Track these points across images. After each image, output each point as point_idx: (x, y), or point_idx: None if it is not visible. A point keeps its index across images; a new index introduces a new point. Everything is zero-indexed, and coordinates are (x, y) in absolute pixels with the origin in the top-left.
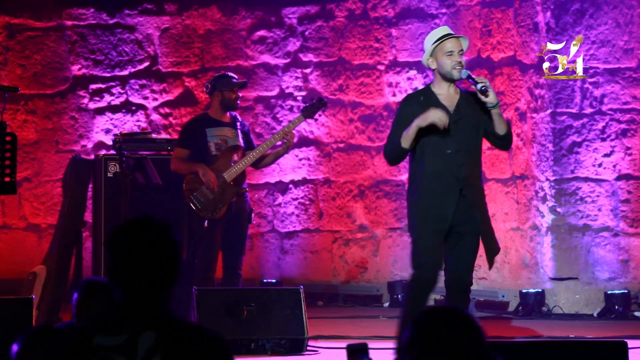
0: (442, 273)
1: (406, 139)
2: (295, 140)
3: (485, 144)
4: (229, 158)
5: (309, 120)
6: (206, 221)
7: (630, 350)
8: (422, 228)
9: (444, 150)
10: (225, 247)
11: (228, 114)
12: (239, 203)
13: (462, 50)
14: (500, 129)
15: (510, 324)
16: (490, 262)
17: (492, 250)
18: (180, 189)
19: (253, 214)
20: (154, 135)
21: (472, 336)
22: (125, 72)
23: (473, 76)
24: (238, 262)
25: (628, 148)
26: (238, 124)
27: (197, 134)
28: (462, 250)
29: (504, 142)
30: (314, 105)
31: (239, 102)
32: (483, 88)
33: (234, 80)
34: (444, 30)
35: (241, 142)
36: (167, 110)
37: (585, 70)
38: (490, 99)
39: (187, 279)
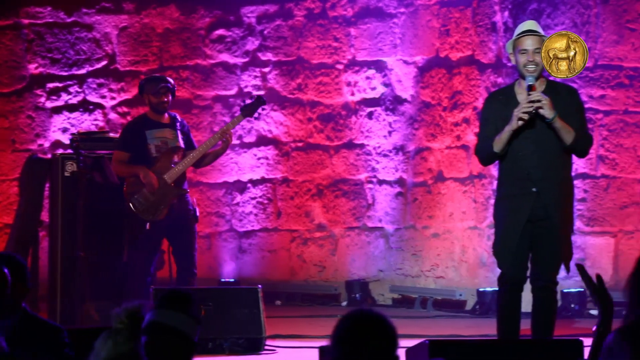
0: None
1: (498, 143)
2: (248, 140)
3: (445, 143)
4: (169, 159)
5: (267, 120)
6: (148, 223)
7: (585, 349)
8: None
9: (519, 150)
10: (176, 248)
11: (167, 114)
12: (180, 204)
13: (538, 48)
14: (566, 139)
15: (467, 322)
16: (567, 268)
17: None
18: (122, 194)
19: (198, 212)
20: (111, 135)
21: (381, 339)
22: (82, 71)
23: (532, 91)
24: (192, 261)
25: None
26: (178, 124)
27: (137, 136)
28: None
29: (574, 152)
30: (253, 104)
31: (167, 105)
32: (532, 110)
33: (157, 86)
34: (527, 25)
35: (181, 143)
36: (125, 109)
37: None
38: (546, 113)
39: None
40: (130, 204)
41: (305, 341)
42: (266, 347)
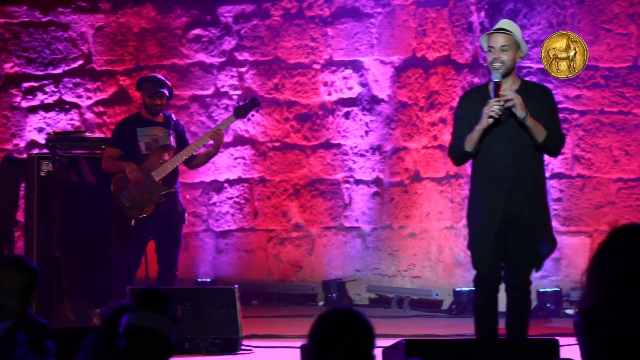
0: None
1: (469, 143)
2: (225, 139)
3: (422, 143)
4: (159, 157)
5: (244, 119)
6: (133, 220)
7: (561, 348)
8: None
9: (492, 148)
10: (159, 248)
11: (161, 113)
12: (169, 203)
13: (506, 45)
14: (538, 138)
15: (443, 322)
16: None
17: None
18: (108, 192)
19: (187, 214)
20: (87, 134)
21: (358, 338)
22: (58, 71)
23: (498, 88)
24: (174, 263)
25: None
26: (172, 123)
27: (128, 133)
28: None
29: (546, 151)
30: (246, 106)
31: (160, 109)
32: (500, 107)
33: (154, 89)
34: (500, 23)
35: (172, 141)
36: (101, 109)
37: (518, 69)
38: (517, 112)
39: (120, 278)
40: (117, 200)
41: (282, 341)
42: (243, 347)
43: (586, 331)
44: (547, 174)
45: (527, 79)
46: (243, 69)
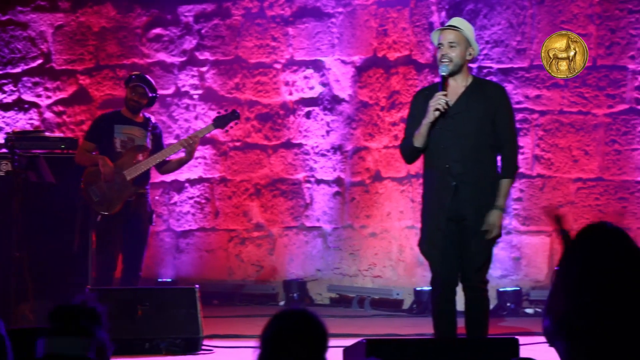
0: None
1: (417, 138)
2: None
3: (383, 143)
4: (133, 157)
5: (205, 119)
6: (99, 216)
7: (521, 347)
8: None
9: (440, 145)
10: (125, 247)
11: (141, 114)
12: (138, 203)
13: (453, 42)
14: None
15: (404, 322)
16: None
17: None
18: (74, 187)
19: (154, 215)
20: (47, 134)
21: (308, 339)
22: (17, 70)
23: (445, 82)
24: (138, 264)
25: (520, 147)
26: (150, 125)
27: (105, 128)
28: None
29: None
30: (226, 116)
31: (137, 106)
32: (445, 101)
33: (135, 83)
34: (451, 21)
35: (149, 143)
36: (61, 108)
37: (479, 69)
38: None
39: (82, 275)
40: (85, 195)
41: (243, 341)
42: (203, 347)
43: (564, 335)
44: None
45: (488, 78)
46: (204, 69)
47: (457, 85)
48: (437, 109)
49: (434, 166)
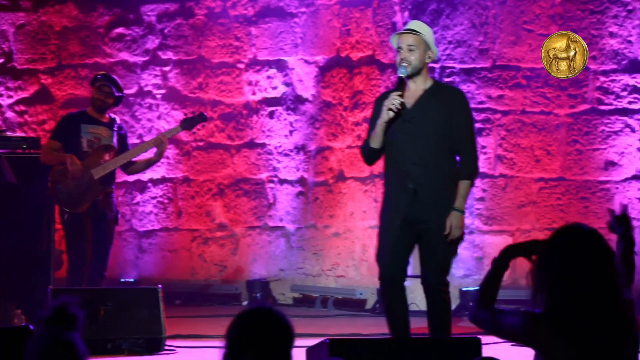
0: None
1: (374, 139)
2: (149, 139)
3: (346, 143)
4: (100, 156)
5: (168, 119)
6: (66, 214)
7: (483, 346)
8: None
9: (398, 147)
10: (91, 247)
11: (107, 114)
12: (104, 202)
13: (412, 45)
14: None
15: (367, 321)
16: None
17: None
18: (36, 187)
19: (119, 215)
20: (8, 133)
21: (273, 333)
22: None
23: (403, 84)
24: (103, 264)
25: (483, 147)
26: (115, 126)
27: (71, 128)
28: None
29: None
30: (194, 119)
31: (103, 106)
32: (399, 102)
33: (101, 82)
34: (409, 24)
35: (115, 143)
36: (23, 107)
37: (441, 69)
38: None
39: (45, 274)
40: (52, 193)
41: (206, 341)
42: (166, 347)
43: (544, 335)
44: None
45: (450, 79)
46: (167, 68)
47: (416, 89)
48: (391, 109)
49: (393, 168)
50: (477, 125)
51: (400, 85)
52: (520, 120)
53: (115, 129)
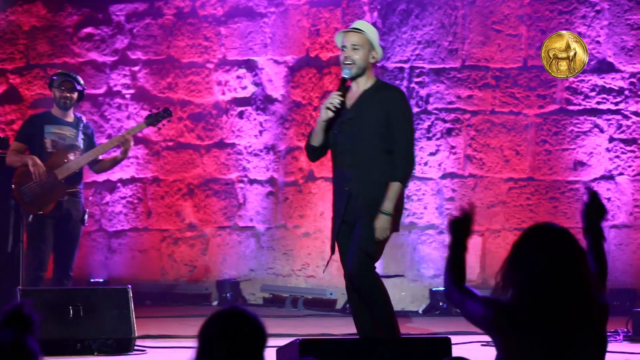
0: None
1: (313, 136)
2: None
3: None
4: (64, 156)
5: (138, 119)
6: (31, 216)
7: (453, 346)
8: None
9: (337, 149)
10: (56, 247)
11: (72, 114)
12: (71, 203)
13: (356, 45)
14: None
15: (337, 321)
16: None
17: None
18: (4, 188)
19: (87, 216)
20: None
21: (246, 333)
22: None
23: (345, 84)
24: (69, 264)
25: (453, 147)
26: (81, 125)
27: (35, 129)
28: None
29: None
30: (159, 115)
31: (69, 102)
32: (337, 102)
33: (63, 79)
34: (354, 23)
35: (80, 142)
36: (7, 107)
37: (411, 70)
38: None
39: (14, 276)
40: (17, 195)
41: (176, 341)
42: (136, 348)
43: (506, 326)
44: (440, 174)
45: (419, 79)
46: (136, 68)
47: (358, 89)
48: (329, 108)
49: (335, 170)
50: (447, 125)
51: (343, 85)
52: (489, 120)
53: (81, 128)
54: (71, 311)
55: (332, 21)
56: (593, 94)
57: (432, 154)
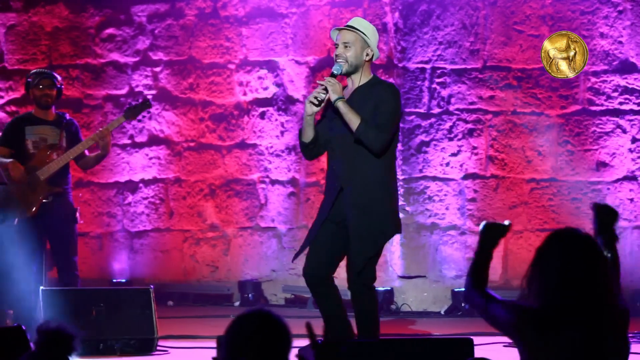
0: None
1: (302, 134)
2: (140, 139)
3: None
4: (46, 156)
5: (159, 120)
6: (16, 219)
7: (476, 347)
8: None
9: (329, 145)
10: (54, 249)
11: (54, 112)
12: (58, 202)
13: (348, 43)
14: (351, 126)
15: None
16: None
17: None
18: None
19: (79, 213)
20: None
21: (272, 336)
22: None
23: (330, 76)
24: (71, 263)
25: (474, 147)
26: (64, 123)
27: (17, 132)
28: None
29: (360, 143)
30: (137, 107)
31: (50, 100)
32: (321, 94)
33: (42, 78)
34: (350, 20)
35: (63, 141)
36: (14, 108)
37: (432, 70)
38: (330, 96)
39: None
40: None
41: (198, 342)
42: (158, 348)
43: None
44: (462, 174)
45: (441, 79)
46: (157, 69)
47: (352, 86)
48: (312, 102)
49: (328, 168)
50: (468, 125)
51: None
52: (511, 120)
53: (63, 126)
54: (94, 311)
55: None
56: (615, 94)
57: (453, 154)
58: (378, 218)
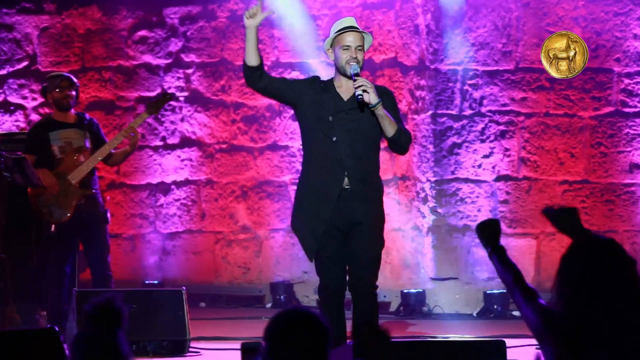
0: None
1: (245, 50)
2: (172, 141)
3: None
4: (74, 160)
5: (192, 121)
6: (53, 225)
7: (508, 349)
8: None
9: (330, 137)
10: (86, 251)
11: (74, 113)
12: (89, 204)
13: (361, 46)
14: (388, 131)
15: (391, 324)
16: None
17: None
18: (23, 204)
19: (109, 214)
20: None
21: (314, 335)
22: (3, 72)
23: (357, 77)
24: (104, 264)
25: (506, 149)
26: (85, 123)
27: (41, 138)
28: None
29: (394, 146)
30: (158, 101)
31: (71, 100)
32: (358, 95)
33: (58, 79)
34: (347, 21)
35: (87, 142)
36: (47, 110)
37: (464, 72)
38: (371, 98)
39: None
40: (35, 207)
41: (230, 343)
42: (190, 349)
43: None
44: (494, 176)
45: (473, 81)
46: (189, 71)
47: (348, 86)
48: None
49: (323, 158)
50: (500, 127)
51: (355, 80)
52: (543, 122)
53: (86, 127)
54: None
55: (385, 23)
56: None
57: (485, 156)
58: (383, 213)
